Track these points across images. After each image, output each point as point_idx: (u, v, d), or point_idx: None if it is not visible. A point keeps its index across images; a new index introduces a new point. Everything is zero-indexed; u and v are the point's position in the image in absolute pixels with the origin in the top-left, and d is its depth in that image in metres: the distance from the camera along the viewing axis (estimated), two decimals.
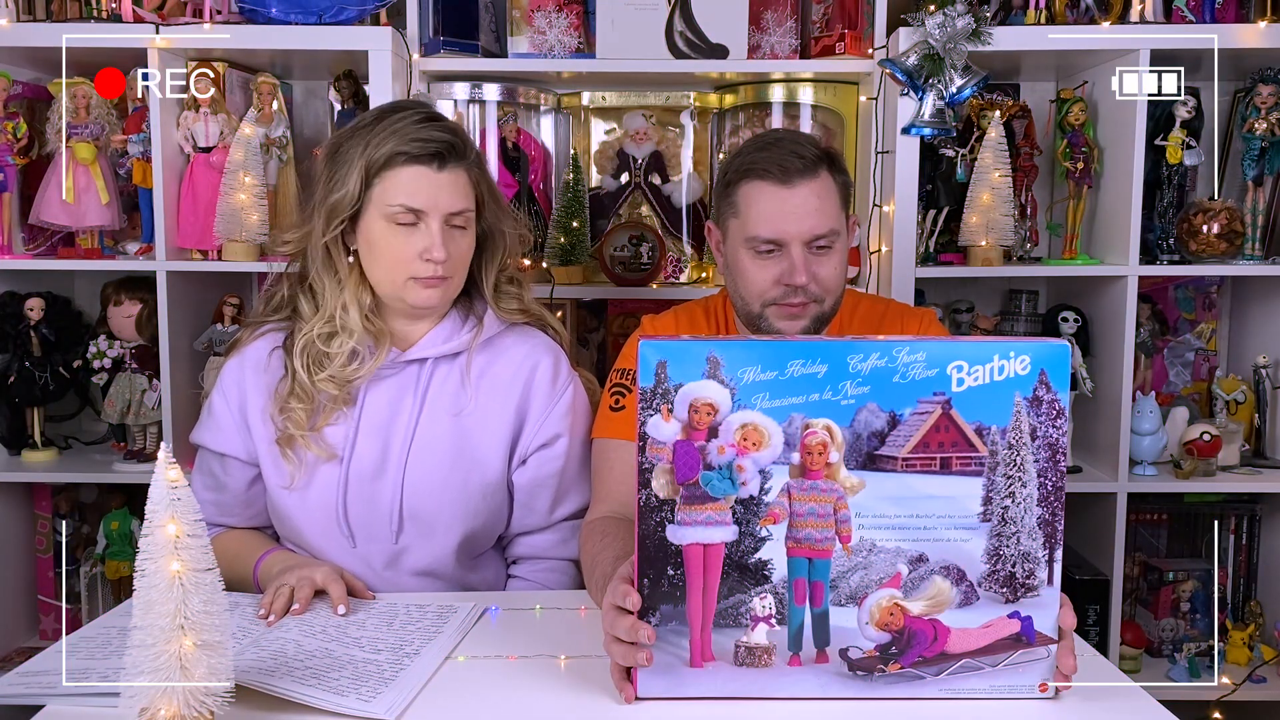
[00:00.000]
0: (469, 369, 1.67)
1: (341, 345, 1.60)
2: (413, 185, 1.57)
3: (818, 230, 1.60)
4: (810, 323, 1.64)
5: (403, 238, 1.58)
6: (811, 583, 1.14)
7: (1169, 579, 2.56)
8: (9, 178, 2.37)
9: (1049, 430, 1.13)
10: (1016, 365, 1.12)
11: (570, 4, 2.43)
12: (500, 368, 1.69)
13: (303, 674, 1.21)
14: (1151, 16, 2.33)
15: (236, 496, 1.70)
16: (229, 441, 1.67)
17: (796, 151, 1.61)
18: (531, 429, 1.69)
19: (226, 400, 1.68)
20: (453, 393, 1.67)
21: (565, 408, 1.71)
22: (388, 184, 1.57)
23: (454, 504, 1.65)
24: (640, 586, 1.14)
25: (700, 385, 1.11)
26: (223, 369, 1.71)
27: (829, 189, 1.61)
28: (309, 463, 1.63)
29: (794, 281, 1.60)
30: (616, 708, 1.17)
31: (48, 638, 2.56)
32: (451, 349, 1.67)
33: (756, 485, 1.12)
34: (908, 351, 1.12)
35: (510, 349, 1.71)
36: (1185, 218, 2.43)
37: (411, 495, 1.64)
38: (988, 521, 1.14)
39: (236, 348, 1.71)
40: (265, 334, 1.70)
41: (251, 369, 1.67)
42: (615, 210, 2.58)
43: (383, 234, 1.59)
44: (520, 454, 1.70)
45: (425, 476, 1.64)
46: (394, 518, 1.63)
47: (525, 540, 1.74)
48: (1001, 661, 1.15)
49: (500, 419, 1.67)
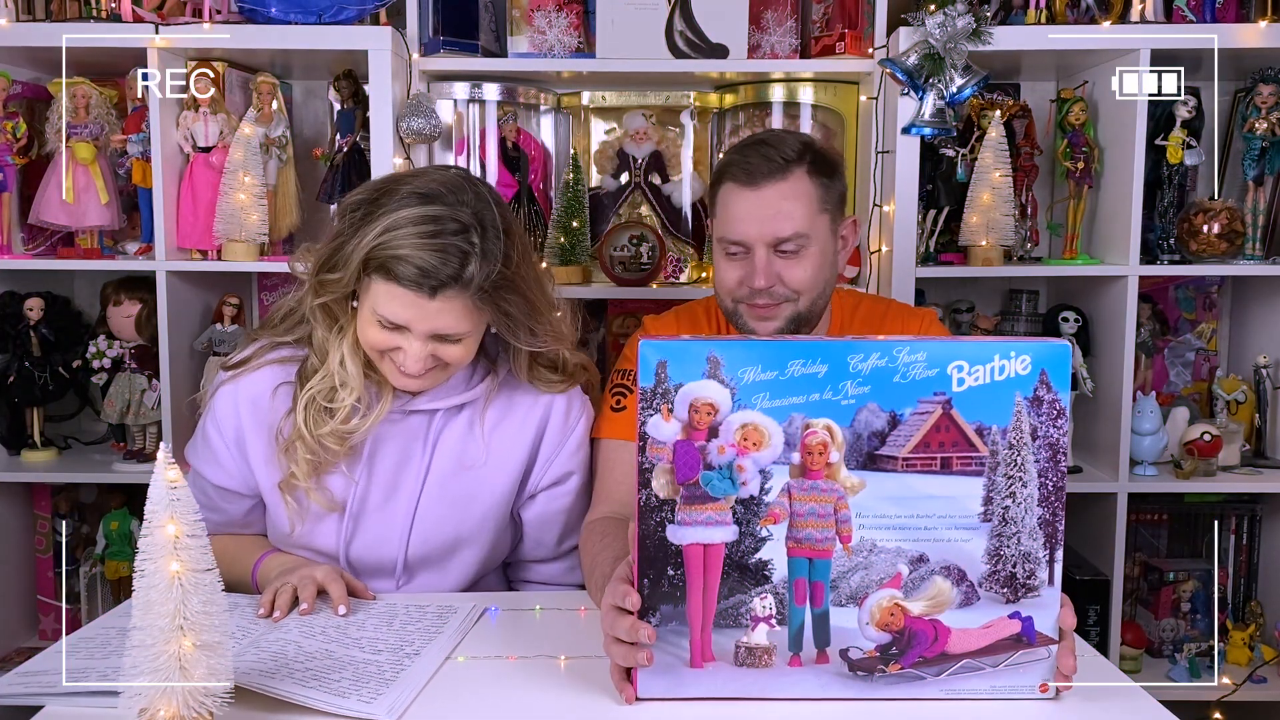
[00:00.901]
0: (483, 421, 1.61)
1: (343, 400, 1.52)
2: (398, 304, 1.44)
3: (780, 233, 1.58)
4: (785, 323, 1.63)
5: (385, 336, 1.48)
6: (812, 583, 1.14)
7: (1169, 579, 2.56)
8: (9, 178, 2.37)
9: (1050, 430, 1.13)
10: (1017, 365, 1.12)
11: (570, 4, 2.43)
12: (514, 415, 1.63)
13: (303, 675, 1.20)
14: (1152, 16, 2.33)
15: (234, 520, 1.66)
16: (229, 477, 1.62)
17: (767, 154, 1.59)
18: (541, 468, 1.65)
19: (221, 434, 1.60)
20: (461, 441, 1.60)
21: (576, 444, 1.66)
22: (378, 289, 1.45)
23: (462, 551, 1.63)
24: (640, 586, 1.14)
25: (700, 385, 1.11)
26: (216, 394, 1.61)
27: (801, 191, 1.59)
28: (313, 512, 1.58)
29: (753, 284, 1.60)
30: (616, 708, 1.17)
31: (47, 638, 2.55)
32: (463, 400, 1.61)
33: (757, 485, 1.12)
34: (908, 351, 1.12)
35: (524, 395, 1.64)
36: (1185, 218, 2.43)
37: (418, 545, 1.60)
38: (988, 521, 1.14)
39: (236, 373, 1.60)
40: (269, 364, 1.60)
41: (247, 404, 1.58)
42: (615, 210, 2.58)
43: (367, 325, 1.49)
44: (529, 490, 1.66)
45: (434, 527, 1.60)
46: (399, 566, 1.61)
47: (533, 568, 1.73)
48: (1002, 662, 1.15)
49: (512, 462, 1.62)
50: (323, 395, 1.52)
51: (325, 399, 1.52)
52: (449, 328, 1.47)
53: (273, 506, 1.61)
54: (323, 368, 1.53)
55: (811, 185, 1.60)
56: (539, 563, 1.72)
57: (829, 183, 1.63)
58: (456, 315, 1.46)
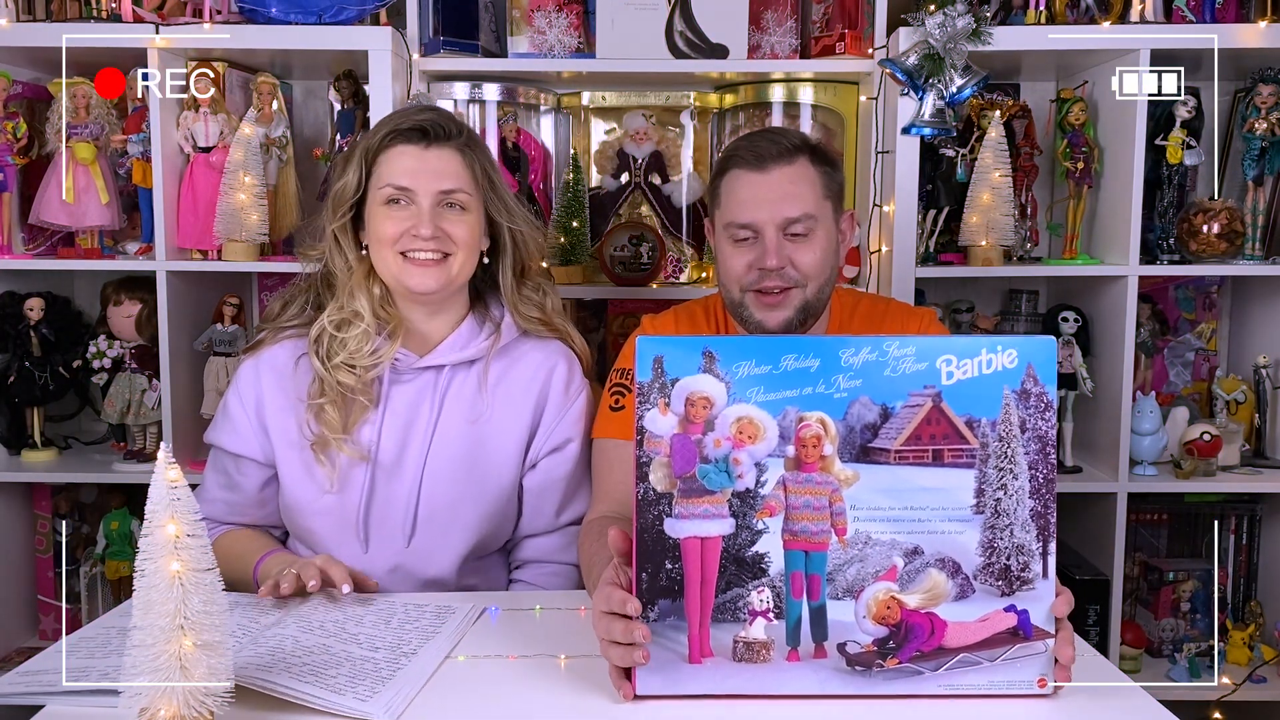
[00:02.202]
0: (486, 376, 1.69)
1: (352, 330, 1.63)
2: (400, 163, 1.62)
3: (790, 214, 1.60)
4: (794, 313, 1.64)
5: (394, 216, 1.62)
6: (809, 576, 1.14)
7: (1169, 579, 2.55)
8: (9, 178, 2.37)
9: (1038, 423, 1.14)
10: (1004, 359, 1.14)
11: (570, 4, 2.44)
12: (517, 374, 1.71)
13: (300, 670, 1.21)
14: (1151, 16, 2.33)
15: (250, 497, 1.71)
16: (245, 444, 1.69)
17: (774, 138, 1.64)
18: (544, 433, 1.71)
19: (242, 402, 1.69)
20: (469, 399, 1.69)
21: (578, 413, 1.73)
22: (381, 168, 1.63)
23: (468, 509, 1.67)
24: (639, 580, 1.14)
25: (696, 379, 1.12)
26: (238, 370, 1.73)
27: (806, 175, 1.62)
28: (342, 466, 1.65)
29: (766, 265, 1.60)
30: (616, 707, 1.17)
31: (47, 638, 2.55)
32: (468, 356, 1.69)
33: (753, 478, 1.13)
34: (898, 346, 1.14)
35: (527, 355, 1.73)
36: (1185, 218, 2.43)
37: (427, 499, 1.65)
38: (981, 513, 1.14)
39: (255, 350, 1.73)
40: (288, 338, 1.72)
41: (270, 372, 1.69)
42: (615, 210, 2.58)
43: (378, 216, 1.63)
44: (532, 457, 1.71)
45: (441, 481, 1.65)
46: (408, 521, 1.65)
47: (530, 543, 1.75)
48: (999, 656, 1.15)
49: (516, 425, 1.70)
50: (333, 325, 1.64)
51: (335, 328, 1.64)
52: (446, 183, 1.62)
53: (302, 469, 1.66)
54: (333, 302, 1.67)
55: (815, 172, 1.64)
56: (537, 536, 1.75)
57: (830, 172, 1.67)
58: (452, 169, 1.64)
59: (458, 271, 1.66)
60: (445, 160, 1.63)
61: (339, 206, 1.66)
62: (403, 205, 1.62)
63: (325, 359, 1.63)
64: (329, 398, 1.63)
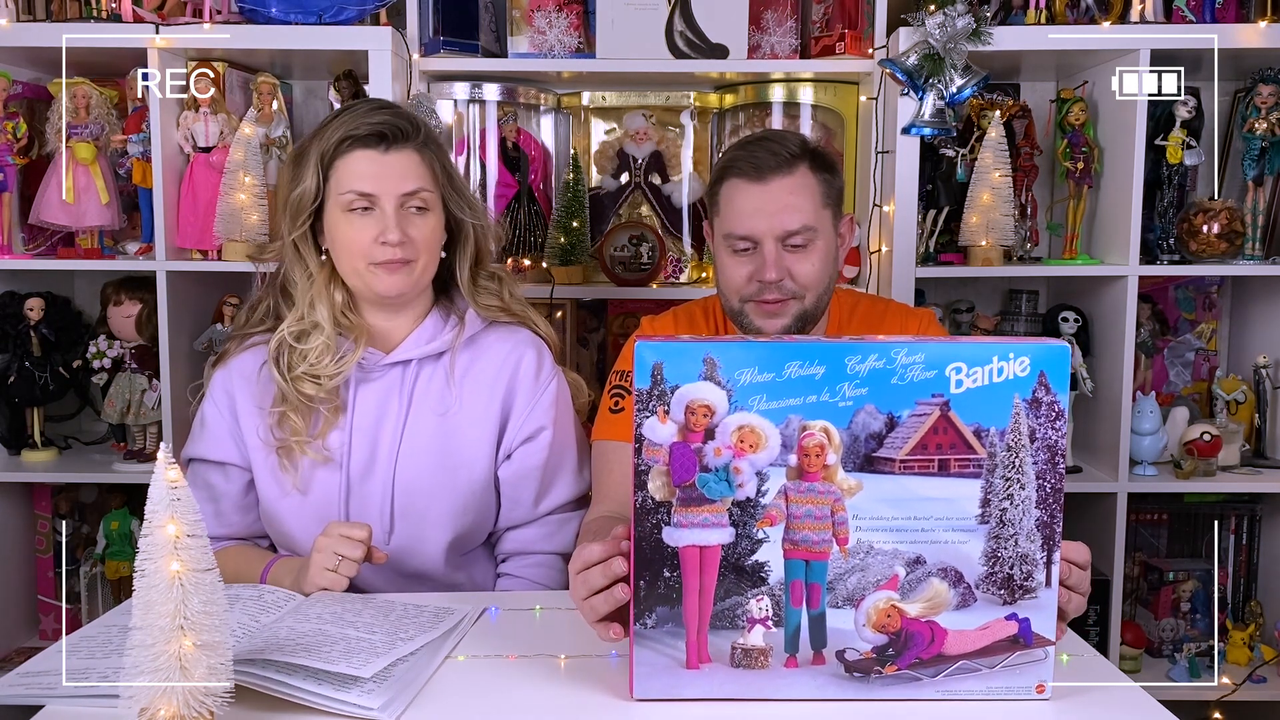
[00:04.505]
0: (453, 368, 1.69)
1: (312, 342, 1.62)
2: (360, 169, 1.60)
3: (789, 226, 1.60)
4: (792, 321, 1.64)
5: (359, 224, 1.60)
6: (809, 585, 1.14)
7: (1169, 579, 2.56)
8: (9, 178, 2.37)
9: (1048, 432, 1.13)
10: (1015, 367, 1.12)
11: (570, 4, 2.43)
12: (484, 365, 1.71)
13: (293, 649, 1.20)
14: (1151, 16, 2.33)
15: (234, 504, 1.70)
16: (225, 450, 1.69)
17: (772, 149, 1.62)
18: (516, 423, 1.71)
19: (218, 408, 1.70)
20: (438, 393, 1.69)
21: (549, 401, 1.72)
22: (340, 173, 1.60)
23: (443, 503, 1.67)
24: (636, 588, 1.14)
25: (697, 387, 1.11)
26: (211, 380, 1.72)
27: (806, 186, 1.62)
28: (304, 468, 1.64)
29: (764, 278, 1.61)
30: (616, 707, 1.17)
31: (48, 638, 2.56)
32: (434, 349, 1.69)
33: (753, 487, 1.12)
34: (906, 353, 1.12)
35: (493, 346, 1.73)
36: (1185, 218, 2.43)
37: (402, 495, 1.66)
38: (986, 523, 1.14)
39: (224, 359, 1.72)
40: (254, 346, 1.70)
41: (240, 378, 1.69)
42: (615, 210, 2.58)
43: (341, 223, 1.61)
44: (505, 448, 1.71)
45: (414, 477, 1.66)
46: (385, 518, 1.65)
47: (513, 535, 1.75)
48: (999, 663, 1.15)
49: (486, 416, 1.69)
50: (292, 336, 1.63)
51: (294, 339, 1.63)
52: (408, 185, 1.61)
53: (268, 473, 1.66)
54: (292, 312, 1.65)
55: (815, 180, 1.63)
56: (518, 528, 1.75)
57: (830, 178, 1.66)
58: (413, 170, 1.62)
59: (421, 273, 1.65)
60: (405, 162, 1.61)
61: (298, 215, 1.63)
62: (366, 211, 1.60)
63: (286, 370, 1.62)
64: (291, 405, 1.62)
